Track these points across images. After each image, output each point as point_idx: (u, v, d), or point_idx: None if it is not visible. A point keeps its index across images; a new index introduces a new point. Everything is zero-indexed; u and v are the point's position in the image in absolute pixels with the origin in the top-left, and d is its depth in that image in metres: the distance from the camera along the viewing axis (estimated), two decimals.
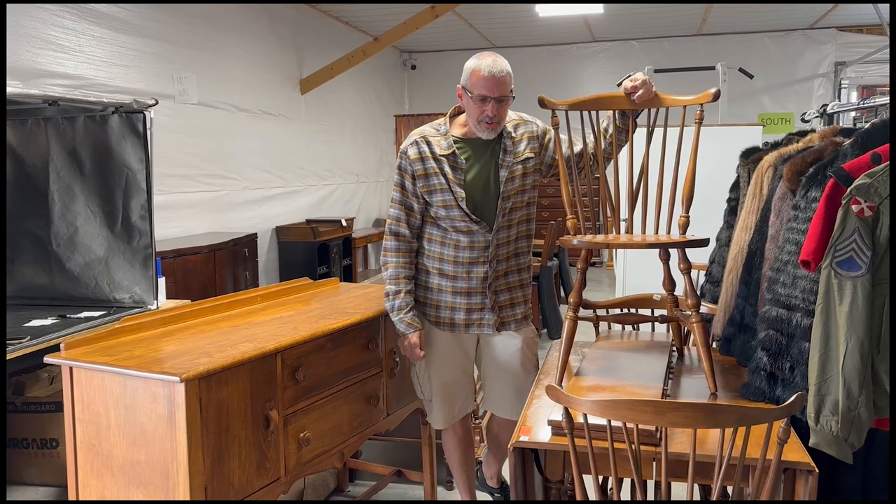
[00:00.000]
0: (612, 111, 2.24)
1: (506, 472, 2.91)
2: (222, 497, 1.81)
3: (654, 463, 1.69)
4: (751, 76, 6.87)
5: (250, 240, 5.82)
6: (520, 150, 2.45)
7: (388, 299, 2.47)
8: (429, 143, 2.43)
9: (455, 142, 2.44)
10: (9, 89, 2.61)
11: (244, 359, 1.85)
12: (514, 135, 2.46)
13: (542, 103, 2.21)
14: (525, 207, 2.51)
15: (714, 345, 2.36)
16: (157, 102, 3.04)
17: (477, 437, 3.20)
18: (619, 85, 2.22)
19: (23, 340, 2.45)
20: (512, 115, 2.47)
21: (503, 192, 2.42)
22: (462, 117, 2.48)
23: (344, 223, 7.36)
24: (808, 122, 5.33)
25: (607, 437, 1.53)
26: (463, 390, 2.61)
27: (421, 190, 2.43)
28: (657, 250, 2.17)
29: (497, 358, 2.55)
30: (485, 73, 2.30)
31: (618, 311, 2.67)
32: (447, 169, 2.40)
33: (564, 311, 2.27)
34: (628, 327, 2.72)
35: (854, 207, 1.59)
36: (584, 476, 1.63)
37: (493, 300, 2.48)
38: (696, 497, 2.32)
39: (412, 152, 2.43)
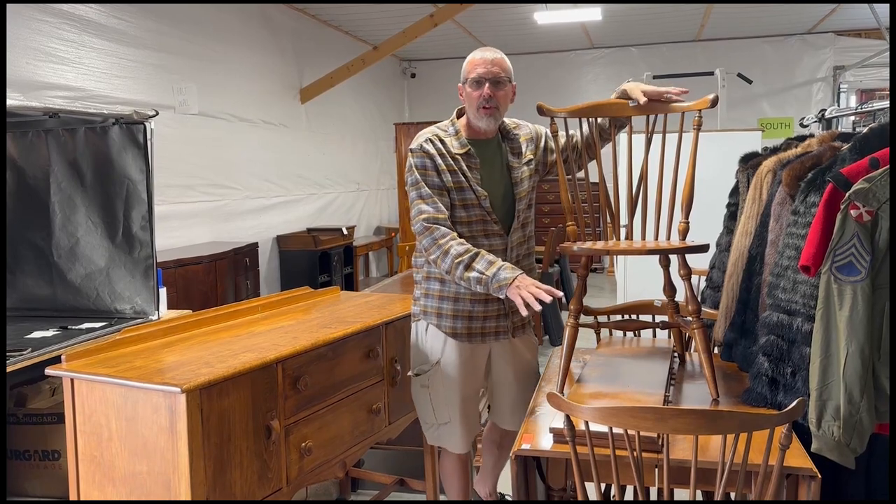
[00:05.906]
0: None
1: (505, 483, 2.90)
2: None
3: (657, 470, 1.68)
4: (749, 81, 6.89)
5: (251, 249, 5.83)
6: (524, 152, 2.45)
7: (466, 269, 2.21)
8: (442, 142, 2.36)
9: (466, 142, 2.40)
10: (10, 102, 2.62)
11: (245, 369, 1.85)
12: (518, 136, 2.45)
13: (541, 111, 2.22)
14: (530, 209, 2.49)
15: (715, 350, 2.36)
16: (157, 113, 3.05)
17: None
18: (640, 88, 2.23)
19: (24, 352, 2.45)
20: (507, 121, 2.46)
21: (517, 193, 2.41)
22: (465, 119, 2.43)
23: (345, 232, 7.37)
24: (806, 126, 5.34)
25: (609, 444, 1.53)
26: (476, 408, 2.52)
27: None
28: (657, 256, 2.18)
29: (510, 366, 2.49)
30: (477, 57, 2.34)
31: (619, 317, 2.68)
32: (464, 167, 2.34)
33: (565, 318, 2.27)
34: (629, 333, 2.71)
35: (853, 212, 1.59)
36: (587, 483, 1.63)
37: (509, 305, 2.38)
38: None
39: (430, 147, 2.34)
